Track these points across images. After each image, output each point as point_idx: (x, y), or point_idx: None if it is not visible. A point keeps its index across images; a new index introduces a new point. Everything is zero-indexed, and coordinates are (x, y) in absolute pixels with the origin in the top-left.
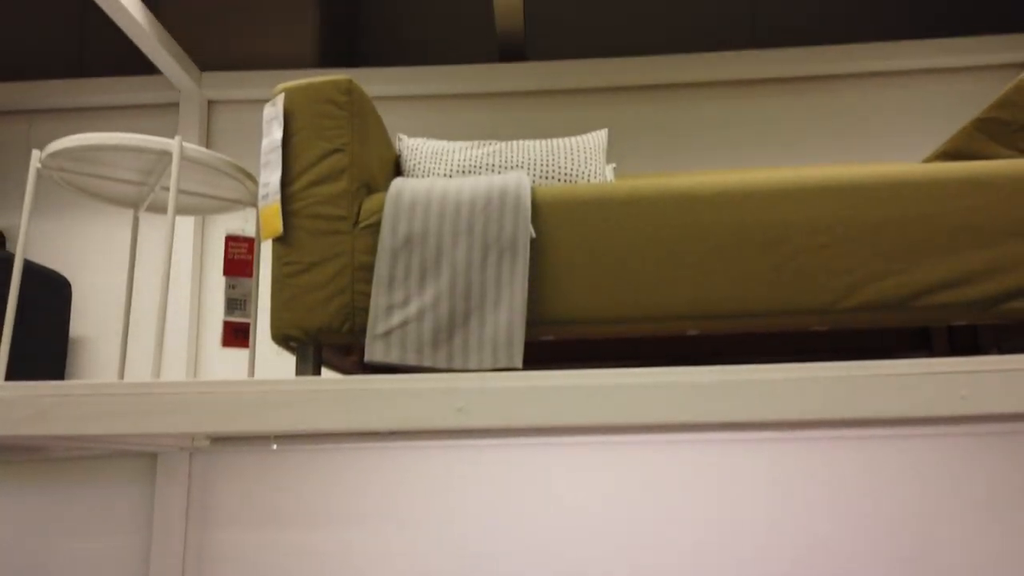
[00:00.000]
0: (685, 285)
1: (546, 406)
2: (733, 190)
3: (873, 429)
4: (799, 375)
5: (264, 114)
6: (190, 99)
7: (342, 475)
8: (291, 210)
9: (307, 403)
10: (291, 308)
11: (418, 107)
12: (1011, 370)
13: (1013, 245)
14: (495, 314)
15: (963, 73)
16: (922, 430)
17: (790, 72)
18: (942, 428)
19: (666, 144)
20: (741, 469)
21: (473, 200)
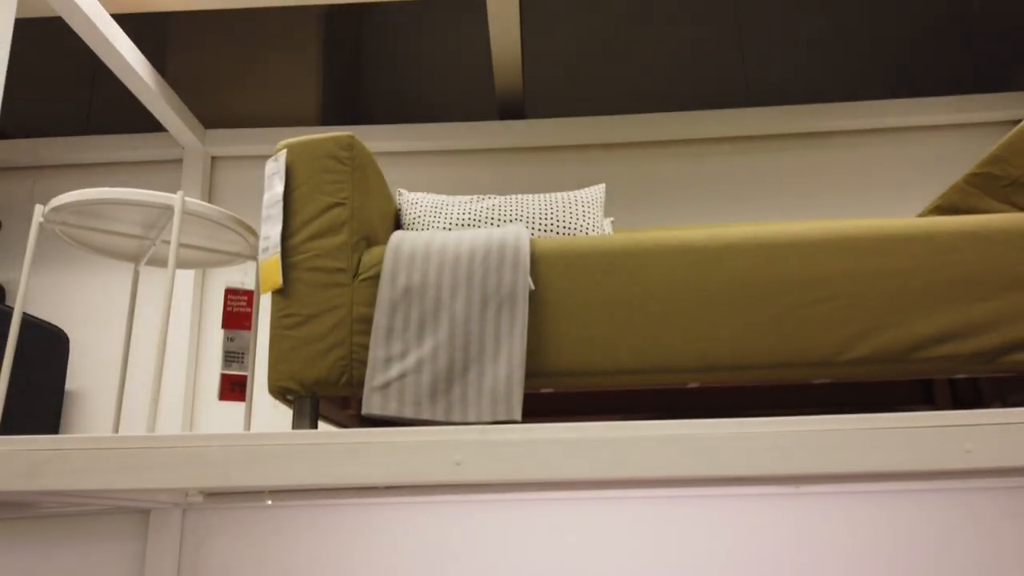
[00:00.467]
0: (685, 337)
1: (547, 460)
2: (732, 243)
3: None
4: (800, 428)
5: (266, 169)
6: (194, 155)
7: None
8: (291, 263)
9: (302, 457)
10: (288, 360)
11: (419, 162)
12: (1016, 423)
13: (1012, 297)
14: (494, 366)
15: (952, 130)
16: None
17: (783, 129)
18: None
19: (663, 199)
20: (744, 524)
21: (472, 252)
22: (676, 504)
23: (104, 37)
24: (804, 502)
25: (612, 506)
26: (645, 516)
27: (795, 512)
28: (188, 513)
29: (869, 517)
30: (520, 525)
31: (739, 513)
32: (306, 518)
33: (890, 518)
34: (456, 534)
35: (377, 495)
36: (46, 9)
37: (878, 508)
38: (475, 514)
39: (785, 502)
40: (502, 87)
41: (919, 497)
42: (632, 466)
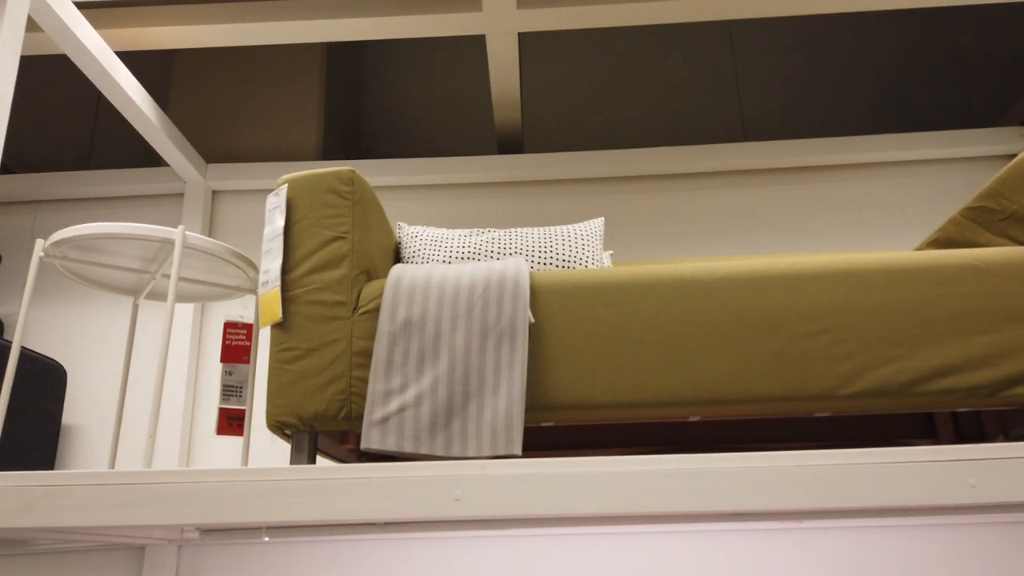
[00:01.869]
0: (685, 370)
1: (547, 495)
2: (732, 276)
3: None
4: (802, 463)
5: (267, 203)
6: (195, 189)
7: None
8: (291, 296)
9: (300, 493)
10: (287, 394)
11: (419, 196)
12: (1019, 458)
13: (1011, 330)
14: (494, 400)
15: (948, 164)
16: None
17: (780, 163)
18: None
19: (661, 232)
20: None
21: (472, 285)
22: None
23: (107, 73)
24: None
25: (614, 542)
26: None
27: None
28: (184, 549)
29: (874, 552)
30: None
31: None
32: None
33: (896, 553)
34: (456, 570)
35: (376, 531)
36: (51, 47)
37: (884, 543)
38: (475, 550)
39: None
40: (501, 122)
41: (924, 532)
42: (634, 501)
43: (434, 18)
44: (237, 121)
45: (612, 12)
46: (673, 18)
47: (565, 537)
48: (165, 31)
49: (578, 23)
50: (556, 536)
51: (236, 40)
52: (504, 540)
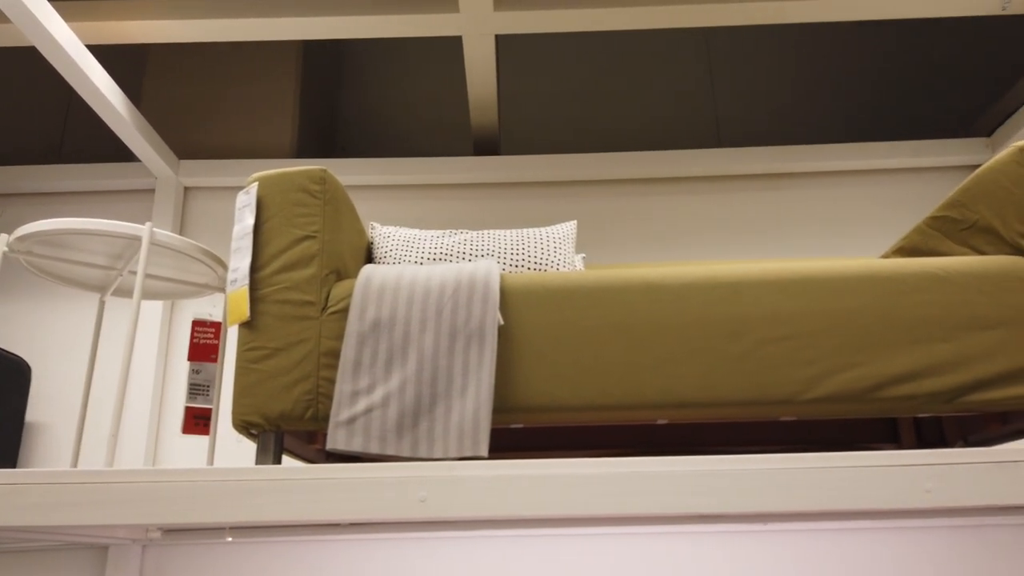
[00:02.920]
0: (652, 374)
1: (512, 496)
2: (699, 281)
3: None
4: (763, 466)
5: (237, 201)
6: (166, 185)
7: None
8: (259, 295)
9: (264, 493)
10: (253, 394)
11: (394, 196)
12: (975, 463)
13: (970, 338)
14: (462, 401)
15: (915, 174)
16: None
17: (752, 170)
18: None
19: (635, 236)
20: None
21: (442, 286)
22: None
23: (78, 67)
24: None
25: (579, 543)
26: (614, 553)
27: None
28: (148, 549)
29: (838, 554)
30: (487, 562)
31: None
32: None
33: (859, 555)
34: (421, 571)
35: (341, 532)
36: (20, 38)
37: (847, 545)
38: (441, 551)
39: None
40: (477, 123)
41: (887, 535)
42: (598, 503)
43: (411, 18)
44: (211, 117)
45: (589, 17)
46: (649, 24)
47: (531, 538)
48: (138, 25)
49: (555, 27)
50: (522, 537)
51: (211, 36)
52: (470, 541)
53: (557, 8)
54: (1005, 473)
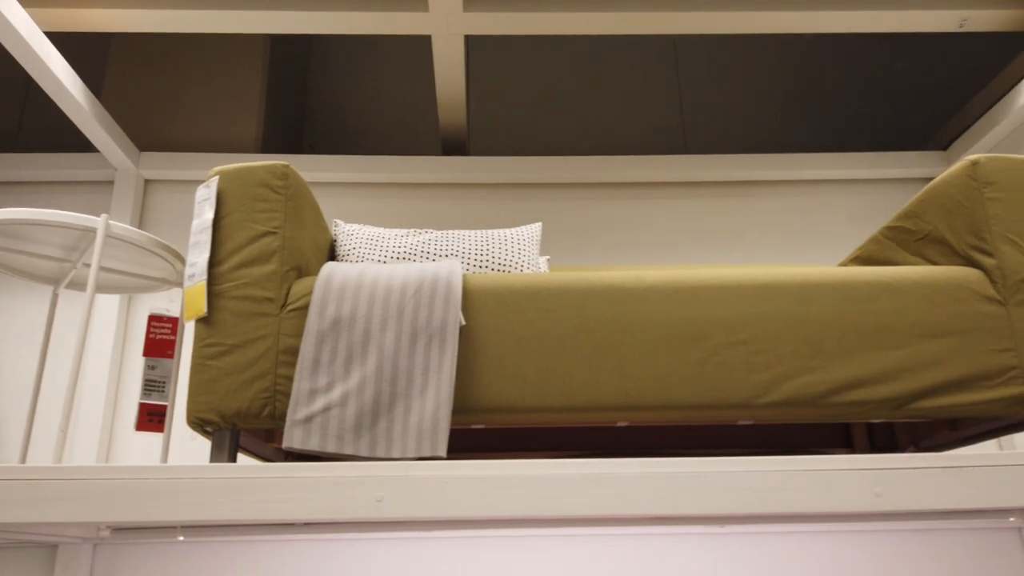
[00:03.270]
0: (612, 377)
1: (469, 497)
2: (659, 286)
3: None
4: (720, 469)
5: (197, 195)
6: (126, 177)
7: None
8: (217, 291)
9: (218, 492)
10: (209, 391)
11: (360, 194)
12: (923, 468)
13: (920, 346)
14: (421, 401)
15: (875, 184)
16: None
17: (716, 177)
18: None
19: (599, 240)
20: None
21: (404, 285)
22: (606, 543)
23: (35, 54)
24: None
25: (538, 544)
26: (572, 554)
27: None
28: (99, 548)
29: (793, 557)
30: (443, 562)
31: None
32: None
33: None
34: (378, 571)
35: (296, 532)
36: None
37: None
38: (397, 552)
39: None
40: (446, 123)
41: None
42: (555, 504)
43: (380, 16)
44: (174, 110)
45: (558, 20)
46: (619, 30)
47: (488, 539)
48: (100, 13)
49: (524, 29)
50: (479, 538)
51: (175, 27)
52: (427, 542)
53: (527, 11)
54: (952, 478)
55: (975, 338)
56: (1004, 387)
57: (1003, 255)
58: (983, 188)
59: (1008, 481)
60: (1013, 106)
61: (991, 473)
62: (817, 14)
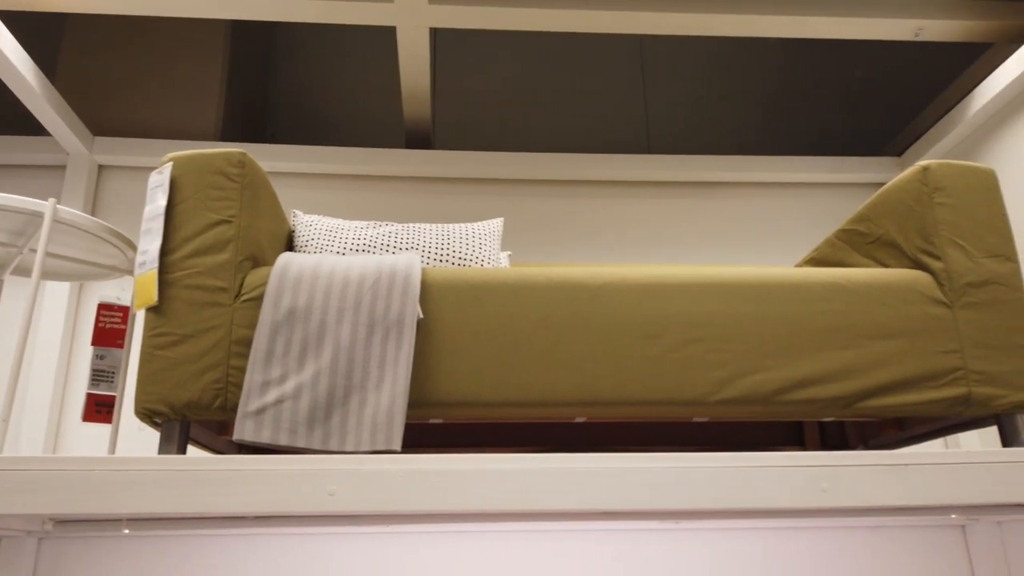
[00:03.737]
0: (569, 372)
1: (422, 491)
2: (617, 283)
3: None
4: (671, 465)
5: (150, 181)
6: (79, 162)
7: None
8: (169, 279)
9: (165, 484)
10: (159, 381)
11: (321, 185)
12: (867, 465)
13: (869, 347)
14: (377, 394)
15: (833, 188)
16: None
17: (680, 177)
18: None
19: (561, 236)
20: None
21: (362, 277)
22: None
23: None
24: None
25: (491, 540)
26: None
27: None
28: (44, 542)
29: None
30: (396, 557)
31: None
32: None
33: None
34: (330, 566)
35: (246, 525)
36: None
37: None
38: (350, 547)
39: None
40: (410, 116)
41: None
42: (509, 499)
43: (344, 5)
44: (131, 94)
45: (524, 16)
46: (584, 28)
47: (441, 534)
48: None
49: (490, 24)
50: (432, 533)
51: (132, 8)
52: (379, 537)
53: (492, 5)
54: (895, 476)
55: (922, 339)
56: (949, 387)
57: (950, 259)
58: (933, 193)
59: (949, 479)
60: (966, 115)
61: (933, 471)
62: (778, 19)
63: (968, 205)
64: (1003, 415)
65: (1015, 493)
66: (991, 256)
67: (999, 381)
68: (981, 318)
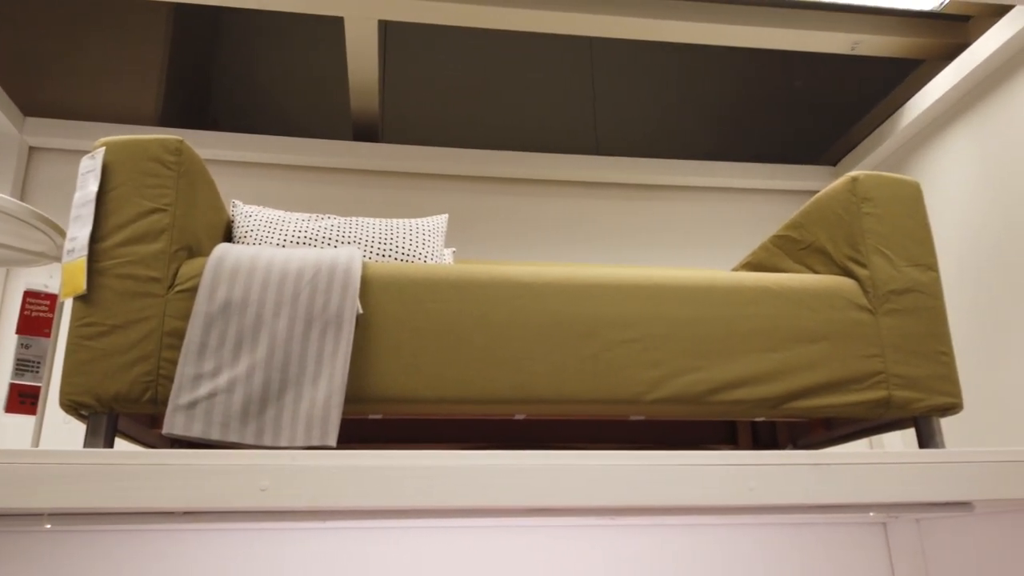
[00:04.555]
0: (508, 369)
1: (358, 487)
2: (556, 282)
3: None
4: (605, 462)
5: (81, 166)
6: (7, 143)
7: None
8: (99, 268)
9: (87, 478)
10: (85, 372)
11: (263, 175)
12: (792, 464)
13: (797, 350)
14: (313, 389)
15: (771, 194)
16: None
17: (625, 179)
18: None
19: (505, 234)
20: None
21: (301, 271)
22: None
23: None
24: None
25: (426, 535)
26: (461, 545)
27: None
28: None
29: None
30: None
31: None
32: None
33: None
34: (261, 563)
35: (175, 521)
36: None
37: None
38: (283, 543)
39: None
40: (357, 108)
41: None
42: (443, 495)
43: None
44: (66, 74)
45: (475, 13)
46: (533, 27)
47: (375, 530)
48: None
49: (438, 19)
50: (366, 529)
51: None
52: (313, 533)
53: (443, 1)
54: (819, 475)
55: (847, 344)
56: (871, 390)
57: (875, 267)
58: (861, 203)
59: (869, 478)
60: (896, 128)
61: (854, 470)
62: (722, 28)
63: (893, 216)
64: (920, 418)
65: (931, 492)
66: (913, 265)
67: (917, 385)
68: (902, 324)
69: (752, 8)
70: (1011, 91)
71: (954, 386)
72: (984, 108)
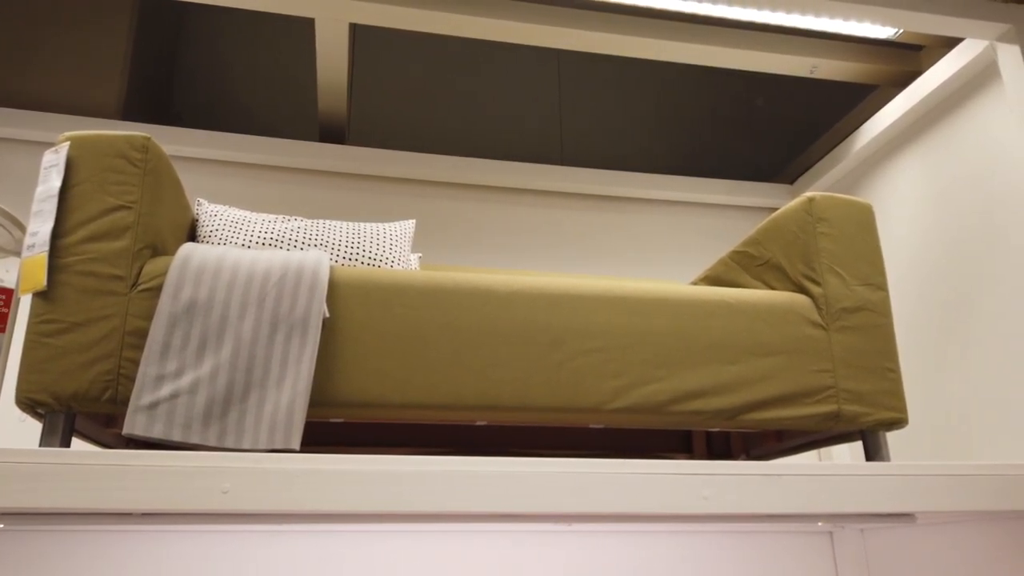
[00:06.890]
0: (472, 376)
1: (320, 491)
2: (522, 291)
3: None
4: (560, 470)
5: (43, 160)
6: None
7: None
8: (60, 264)
9: (42, 477)
10: (43, 370)
11: (228, 173)
12: (744, 475)
13: (752, 363)
14: (277, 392)
15: (730, 210)
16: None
17: (589, 190)
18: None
19: (472, 241)
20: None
21: (267, 272)
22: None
23: None
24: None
25: (387, 539)
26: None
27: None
28: None
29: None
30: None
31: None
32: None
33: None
34: (222, 566)
35: (134, 522)
36: None
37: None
38: (244, 546)
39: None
40: (325, 110)
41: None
42: (405, 500)
43: None
44: (24, 62)
45: (446, 20)
46: (502, 37)
47: (336, 534)
48: None
49: (409, 24)
50: (328, 533)
51: None
52: (275, 536)
53: (414, 7)
54: (770, 485)
55: (800, 358)
56: (821, 404)
57: (828, 285)
58: (816, 223)
59: (818, 489)
60: (851, 149)
61: (803, 481)
62: (682, 45)
63: (847, 236)
64: (867, 431)
65: (876, 503)
66: (864, 284)
67: (865, 400)
68: (853, 341)
69: (717, 28)
70: (959, 118)
71: (900, 401)
72: (933, 134)
